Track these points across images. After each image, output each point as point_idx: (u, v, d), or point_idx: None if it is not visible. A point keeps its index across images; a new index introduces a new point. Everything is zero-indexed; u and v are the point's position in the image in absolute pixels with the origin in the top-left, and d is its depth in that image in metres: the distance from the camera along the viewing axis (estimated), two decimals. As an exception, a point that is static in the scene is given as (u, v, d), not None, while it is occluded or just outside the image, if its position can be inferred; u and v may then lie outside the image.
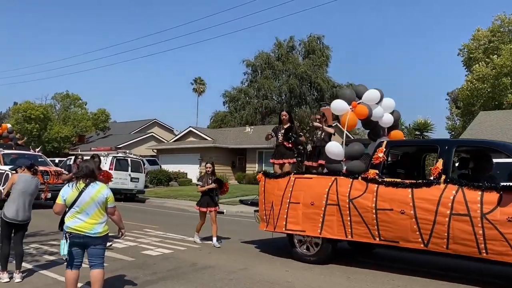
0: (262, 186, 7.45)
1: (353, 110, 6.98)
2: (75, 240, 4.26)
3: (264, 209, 7.34)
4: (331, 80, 45.21)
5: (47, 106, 40.33)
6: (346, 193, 6.30)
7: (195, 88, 58.24)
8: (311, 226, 6.61)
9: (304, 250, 6.98)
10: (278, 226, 7.00)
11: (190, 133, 32.05)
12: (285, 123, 8.18)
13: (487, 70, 32.76)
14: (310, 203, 6.63)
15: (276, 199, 7.09)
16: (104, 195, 4.40)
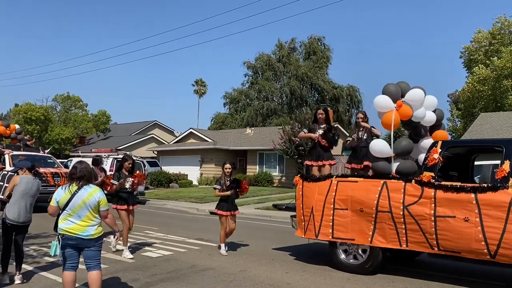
0: (299, 190, 6.88)
1: (397, 109, 6.47)
2: (68, 242, 4.27)
3: (303, 214, 6.79)
4: (331, 81, 45.25)
5: (48, 108, 40.35)
6: (399, 199, 5.80)
7: (196, 89, 58.35)
8: (361, 234, 6.13)
9: (351, 260, 6.46)
10: (323, 233, 6.48)
11: (190, 134, 32.06)
12: (321, 122, 7.58)
13: (488, 72, 32.77)
14: (359, 210, 6.12)
15: (318, 204, 6.58)
16: (96, 198, 4.38)
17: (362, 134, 7.44)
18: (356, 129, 7.62)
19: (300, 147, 23.29)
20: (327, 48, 46.98)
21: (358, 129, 7.53)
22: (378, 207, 5.97)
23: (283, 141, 24.09)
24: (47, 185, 13.05)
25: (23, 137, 18.22)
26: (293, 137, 23.48)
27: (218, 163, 29.35)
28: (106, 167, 17.68)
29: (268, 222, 12.60)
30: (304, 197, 6.80)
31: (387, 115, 6.53)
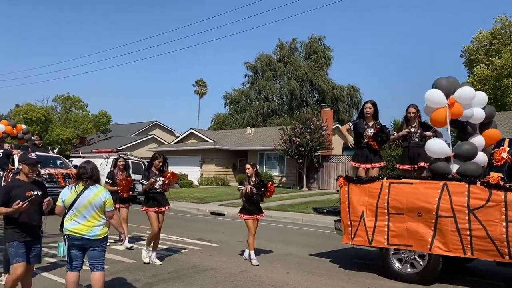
0: (345, 192, 6.41)
1: (450, 107, 6.03)
2: (74, 242, 4.27)
3: (350, 219, 6.32)
4: (332, 81, 45.28)
5: (48, 108, 40.43)
6: (463, 203, 5.36)
7: (196, 90, 58.37)
8: (419, 240, 5.68)
9: (408, 269, 6.00)
10: (376, 240, 6.04)
11: (191, 135, 32.08)
12: (369, 119, 6.86)
13: (488, 72, 32.78)
14: (417, 214, 5.68)
15: (368, 209, 6.13)
16: (102, 198, 4.38)
17: (415, 132, 6.76)
18: (405, 125, 6.86)
19: (301, 148, 23.28)
20: (327, 48, 47.04)
21: (409, 125, 6.82)
22: (438, 211, 5.52)
23: (283, 141, 24.10)
24: (57, 187, 12.75)
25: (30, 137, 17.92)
26: (293, 138, 23.48)
27: (219, 163, 29.41)
28: (107, 168, 17.70)
29: (269, 222, 12.60)
30: (351, 200, 6.32)
31: (439, 112, 6.08)
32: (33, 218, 4.28)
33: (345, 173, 24.63)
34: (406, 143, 6.82)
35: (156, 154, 7.13)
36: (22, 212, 4.12)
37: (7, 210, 4.06)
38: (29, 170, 4.26)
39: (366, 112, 6.83)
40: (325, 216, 13.63)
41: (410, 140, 6.75)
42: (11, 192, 4.14)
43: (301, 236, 10.21)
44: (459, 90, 6.14)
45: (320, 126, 23.76)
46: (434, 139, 6.24)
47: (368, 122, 6.83)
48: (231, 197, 18.89)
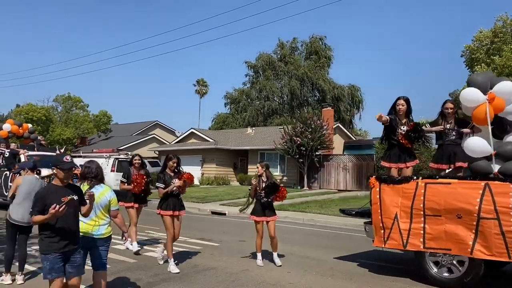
0: (376, 193, 6.12)
1: (490, 102, 5.72)
2: None
3: (382, 222, 6.02)
4: (333, 81, 45.24)
5: (49, 108, 40.48)
6: (508, 204, 5.07)
7: (197, 89, 58.36)
8: (459, 244, 5.38)
9: (445, 274, 5.72)
10: (411, 244, 5.74)
11: (191, 134, 32.08)
12: (402, 116, 6.47)
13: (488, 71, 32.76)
14: (456, 216, 5.40)
15: (403, 210, 5.84)
16: (107, 197, 4.43)
17: (452, 129, 6.34)
18: (441, 121, 6.44)
19: (302, 147, 23.28)
20: (328, 47, 46.97)
21: (446, 121, 6.40)
22: (480, 213, 5.22)
23: (284, 141, 24.10)
24: None
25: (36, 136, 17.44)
26: (294, 137, 23.48)
27: (219, 163, 29.40)
28: (108, 167, 17.70)
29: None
30: (383, 201, 6.02)
31: (480, 109, 5.78)
32: (71, 224, 3.89)
33: (346, 172, 24.73)
34: (441, 141, 6.43)
35: (170, 155, 6.75)
36: (58, 219, 3.72)
37: (43, 217, 3.64)
38: (65, 176, 3.87)
39: (399, 110, 6.42)
40: (327, 215, 13.76)
41: (446, 138, 6.35)
42: (46, 199, 3.71)
43: (302, 235, 10.21)
44: (500, 84, 5.82)
45: (321, 125, 23.75)
46: (473, 138, 5.93)
47: (401, 120, 6.46)
48: (231, 196, 18.90)
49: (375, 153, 22.99)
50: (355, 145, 27.82)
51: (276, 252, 6.93)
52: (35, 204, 3.72)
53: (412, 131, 6.22)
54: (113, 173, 17.12)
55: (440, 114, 6.51)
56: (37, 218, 3.69)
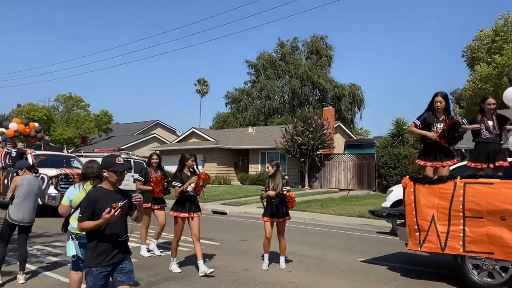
0: (410, 194, 5.83)
1: None
2: (82, 241, 4.27)
3: (417, 223, 5.71)
4: (333, 80, 45.23)
5: (50, 108, 40.56)
6: None
7: (198, 89, 58.38)
8: (503, 247, 5.09)
9: (485, 278, 5.50)
10: (450, 247, 5.44)
11: (192, 134, 32.11)
12: (440, 113, 6.11)
13: (489, 70, 32.72)
14: (500, 218, 5.12)
15: (440, 212, 5.55)
16: None
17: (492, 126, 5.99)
18: (480, 118, 6.10)
19: (303, 146, 23.26)
20: (329, 47, 46.98)
21: (485, 117, 6.07)
22: None
23: (285, 140, 24.09)
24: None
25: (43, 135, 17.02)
26: (295, 136, 23.47)
27: (220, 162, 29.42)
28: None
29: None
30: (418, 202, 5.72)
31: None
32: (122, 231, 3.50)
33: (347, 172, 24.71)
34: (478, 138, 6.09)
35: (187, 154, 6.41)
36: (107, 226, 3.34)
37: (94, 223, 3.25)
38: (117, 179, 3.47)
39: (437, 107, 6.06)
40: (328, 215, 13.75)
41: (484, 135, 6.01)
42: (96, 204, 3.35)
43: (303, 234, 10.20)
44: None
45: (322, 124, 23.74)
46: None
47: (439, 117, 6.08)
48: (232, 196, 18.91)
49: (376, 152, 22.97)
50: (356, 144, 27.81)
51: (283, 256, 6.66)
52: (84, 209, 3.35)
53: (449, 130, 5.84)
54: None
55: (480, 111, 6.20)
56: (86, 225, 3.31)
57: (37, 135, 16.32)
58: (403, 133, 22.34)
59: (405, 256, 7.53)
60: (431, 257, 7.59)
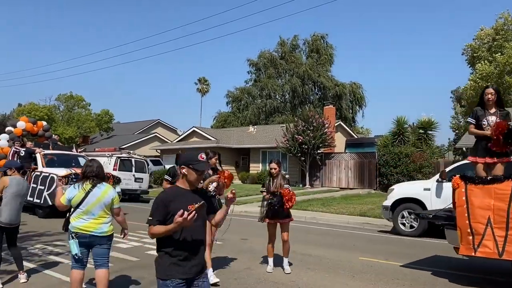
0: (461, 194, 5.45)
1: None
2: (81, 240, 4.29)
3: (471, 227, 5.33)
4: (334, 78, 45.21)
5: (51, 107, 40.55)
6: None
7: (199, 88, 58.38)
8: None
9: None
10: (509, 252, 5.05)
11: (193, 133, 32.10)
12: (491, 106, 5.80)
13: (491, 69, 32.70)
14: None
15: (497, 214, 5.15)
16: (111, 196, 4.46)
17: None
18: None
19: (303, 145, 23.26)
20: (330, 46, 46.95)
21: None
22: None
23: (286, 139, 24.09)
24: None
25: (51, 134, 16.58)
26: (296, 135, 23.46)
27: (221, 161, 29.36)
28: (110, 166, 17.72)
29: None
30: (471, 204, 5.35)
31: None
32: (199, 240, 2.99)
33: (348, 171, 24.69)
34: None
35: (209, 152, 5.97)
36: (183, 232, 2.85)
37: (167, 228, 2.77)
38: (197, 178, 3.03)
39: (487, 100, 5.78)
40: (329, 213, 13.74)
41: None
42: (169, 206, 2.87)
43: (304, 233, 10.20)
44: None
45: (323, 123, 23.73)
46: None
47: (489, 109, 5.80)
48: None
49: (377, 151, 22.96)
50: (357, 143, 27.76)
51: (286, 258, 6.34)
52: (155, 211, 2.87)
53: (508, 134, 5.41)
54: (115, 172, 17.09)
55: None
56: (157, 229, 2.82)
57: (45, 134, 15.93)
58: (403, 131, 22.33)
59: (405, 255, 7.53)
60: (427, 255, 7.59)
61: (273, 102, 44.47)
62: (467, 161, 6.68)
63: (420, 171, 20.52)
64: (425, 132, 22.34)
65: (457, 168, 9.54)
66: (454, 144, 35.05)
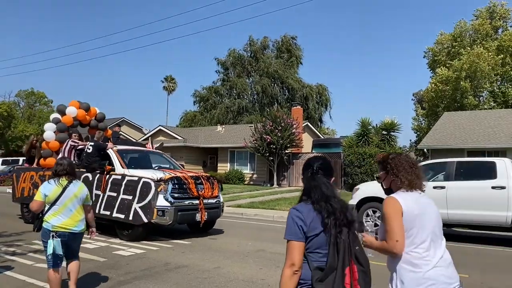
0: None
1: None
2: (63, 240, 4.25)
3: None
4: (302, 80, 45.80)
5: (10, 104, 39.00)
6: None
7: (165, 86, 57.68)
8: None
9: None
10: None
11: (159, 132, 31.70)
12: None
13: (449, 73, 34.07)
14: None
15: None
16: (85, 192, 4.55)
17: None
18: None
19: (272, 145, 23.46)
20: (298, 48, 47.55)
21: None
22: None
23: (254, 139, 24.22)
24: (188, 197, 8.72)
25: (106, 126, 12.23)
26: (264, 135, 23.63)
27: (189, 161, 29.20)
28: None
29: (240, 220, 12.68)
30: None
31: None
32: None
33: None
34: None
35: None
36: None
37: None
38: None
39: None
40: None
41: None
42: None
43: (273, 232, 10.33)
44: None
45: (291, 124, 24.02)
46: None
47: None
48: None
49: (342, 152, 23.47)
50: (323, 143, 28.28)
51: None
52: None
53: None
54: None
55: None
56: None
57: (99, 125, 11.91)
58: (368, 133, 22.91)
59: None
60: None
61: (241, 101, 44.53)
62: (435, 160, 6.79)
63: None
64: (388, 133, 23.01)
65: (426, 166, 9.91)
66: (415, 145, 36.24)
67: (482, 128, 22.31)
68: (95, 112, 12.01)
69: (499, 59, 33.25)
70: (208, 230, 9.79)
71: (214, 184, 9.47)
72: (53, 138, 10.76)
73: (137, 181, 8.47)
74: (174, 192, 8.47)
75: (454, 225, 9.72)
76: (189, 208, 8.61)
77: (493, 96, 33.75)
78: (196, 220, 8.74)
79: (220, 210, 9.64)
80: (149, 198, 8.19)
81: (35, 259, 6.73)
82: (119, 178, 8.76)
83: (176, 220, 8.42)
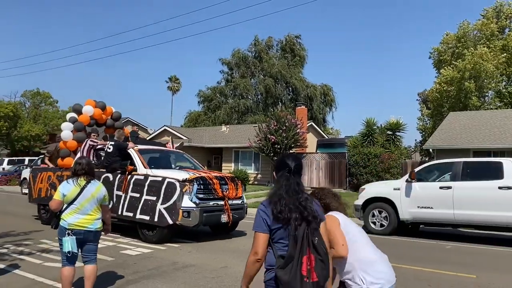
0: None
1: None
2: (76, 236, 4.29)
3: None
4: (306, 80, 45.79)
5: (16, 104, 39.26)
6: None
7: (170, 86, 57.81)
8: None
9: None
10: None
11: (164, 132, 31.76)
12: None
13: (454, 74, 33.95)
14: None
15: None
16: (103, 192, 4.57)
17: None
18: None
19: (276, 145, 23.47)
20: (302, 47, 47.53)
21: None
22: None
23: (258, 139, 24.23)
24: (214, 198, 8.54)
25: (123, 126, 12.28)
26: (269, 135, 23.65)
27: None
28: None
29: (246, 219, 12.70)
30: None
31: None
32: None
33: (319, 170, 25.08)
34: None
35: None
36: None
37: None
38: None
39: None
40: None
41: None
42: None
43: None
44: None
45: (295, 124, 24.02)
46: None
47: None
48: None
49: (347, 152, 23.44)
50: (328, 143, 28.24)
51: None
52: None
53: None
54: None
55: None
56: None
57: (115, 124, 11.79)
58: (373, 133, 22.86)
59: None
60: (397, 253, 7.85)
61: (246, 102, 44.57)
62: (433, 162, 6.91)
63: (389, 171, 21.06)
64: (394, 133, 22.94)
65: (425, 168, 9.91)
66: (420, 145, 36.14)
67: (488, 128, 22.21)
68: (111, 111, 11.89)
69: (502, 57, 33.09)
70: (231, 231, 9.52)
71: (238, 184, 9.28)
72: (71, 138, 10.67)
73: (161, 181, 8.22)
74: (199, 192, 8.26)
75: (460, 225, 9.71)
76: (214, 209, 8.38)
77: (499, 96, 33.59)
78: (222, 221, 8.52)
79: (244, 211, 9.35)
80: (174, 199, 7.95)
81: (44, 258, 6.79)
82: (142, 179, 8.52)
83: (201, 222, 8.12)
